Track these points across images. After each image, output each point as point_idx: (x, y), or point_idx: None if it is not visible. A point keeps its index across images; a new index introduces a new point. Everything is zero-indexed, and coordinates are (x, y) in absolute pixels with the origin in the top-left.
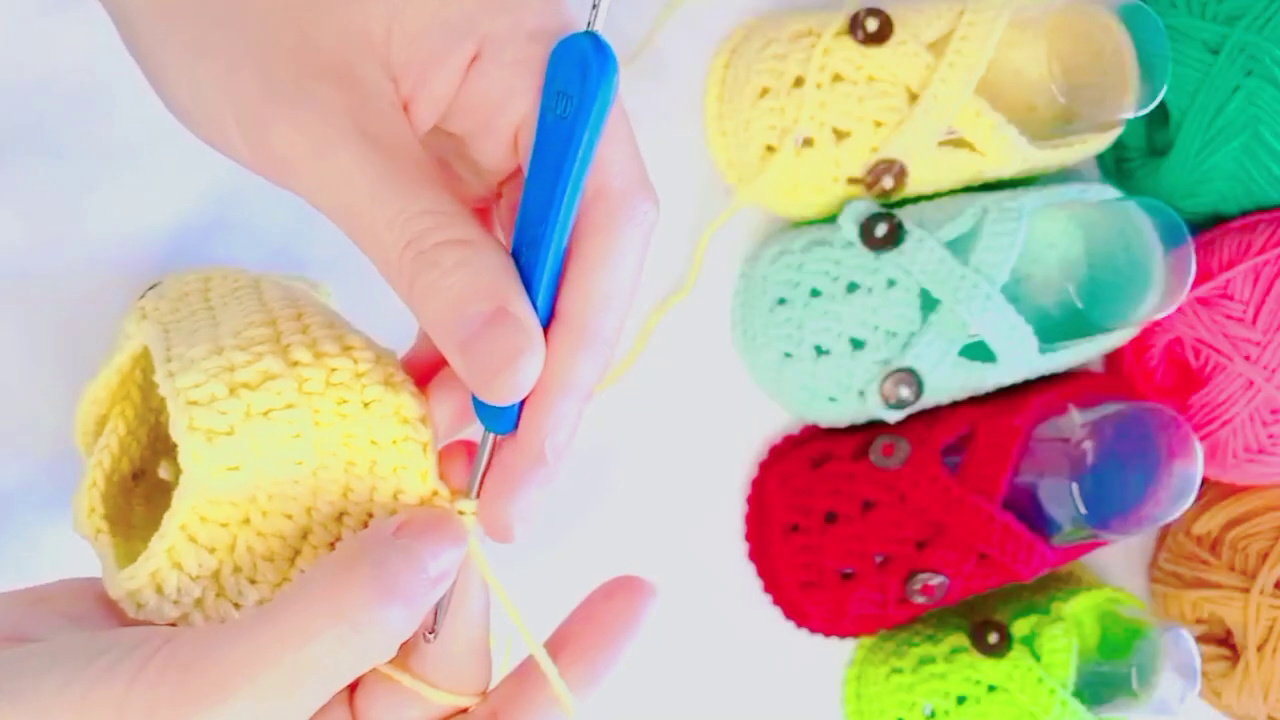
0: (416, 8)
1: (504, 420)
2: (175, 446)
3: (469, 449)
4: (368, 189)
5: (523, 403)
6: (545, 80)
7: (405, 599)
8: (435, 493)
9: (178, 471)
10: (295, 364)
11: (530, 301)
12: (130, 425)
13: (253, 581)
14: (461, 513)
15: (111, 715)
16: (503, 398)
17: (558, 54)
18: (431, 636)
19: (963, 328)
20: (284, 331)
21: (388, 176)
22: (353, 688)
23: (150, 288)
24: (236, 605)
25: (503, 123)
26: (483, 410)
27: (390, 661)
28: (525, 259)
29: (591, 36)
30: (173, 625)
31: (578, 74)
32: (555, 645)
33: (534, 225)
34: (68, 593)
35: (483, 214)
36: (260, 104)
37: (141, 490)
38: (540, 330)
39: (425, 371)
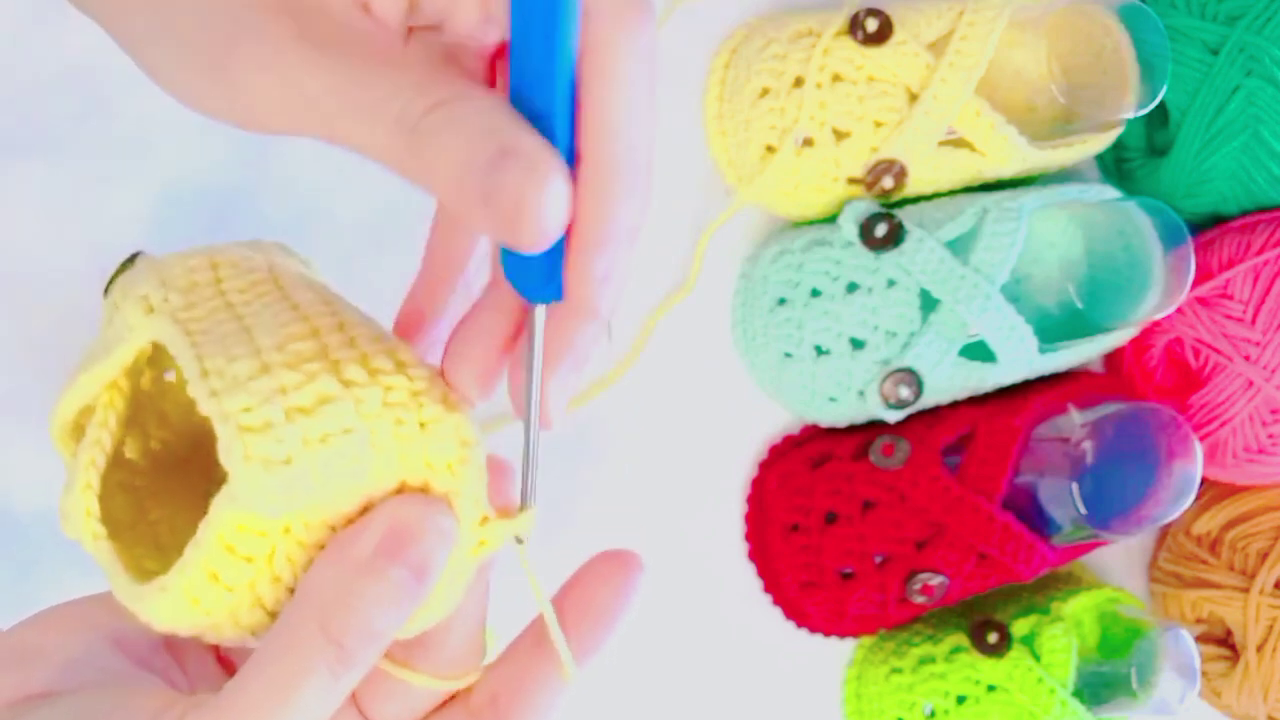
0: None
1: (547, 286)
2: (154, 422)
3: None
4: (346, 93)
5: (565, 268)
6: None
7: (383, 627)
8: (485, 519)
9: (162, 442)
10: (350, 384)
11: (541, 136)
12: (120, 416)
13: (291, 591)
14: (519, 541)
15: None
16: (534, 239)
17: None
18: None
19: (963, 328)
20: (330, 345)
21: (357, 76)
22: None
23: (130, 258)
24: (272, 615)
25: None
26: (522, 277)
27: (392, 660)
28: (535, 100)
29: None
30: (196, 635)
31: None
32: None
33: (535, 59)
34: (70, 638)
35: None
36: (220, 51)
37: (116, 479)
38: (555, 156)
39: (416, 321)
